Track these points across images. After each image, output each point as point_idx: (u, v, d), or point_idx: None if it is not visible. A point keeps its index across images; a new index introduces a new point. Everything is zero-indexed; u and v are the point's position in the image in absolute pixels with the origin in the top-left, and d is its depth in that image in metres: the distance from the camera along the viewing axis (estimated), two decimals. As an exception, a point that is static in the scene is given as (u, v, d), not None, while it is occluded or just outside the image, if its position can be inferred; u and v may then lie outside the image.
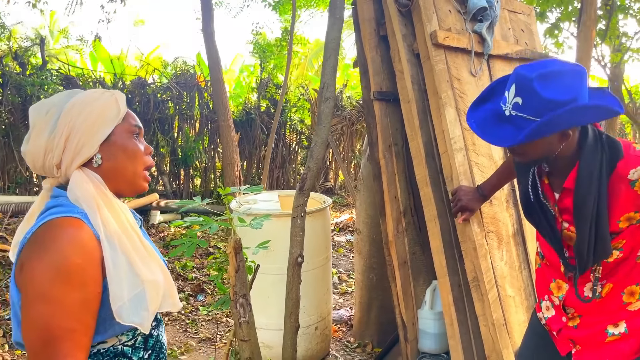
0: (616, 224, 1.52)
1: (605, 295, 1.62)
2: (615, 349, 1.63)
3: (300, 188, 2.57)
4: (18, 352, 3.69)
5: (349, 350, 3.93)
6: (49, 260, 1.03)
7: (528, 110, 1.43)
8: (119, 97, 1.23)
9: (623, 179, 1.47)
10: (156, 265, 1.20)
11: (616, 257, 1.58)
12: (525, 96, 1.43)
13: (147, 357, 1.24)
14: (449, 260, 2.56)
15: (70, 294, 1.03)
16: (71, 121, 1.14)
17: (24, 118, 6.57)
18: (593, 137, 1.50)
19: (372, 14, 2.83)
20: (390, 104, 2.85)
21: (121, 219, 1.16)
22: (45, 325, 1.01)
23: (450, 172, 2.45)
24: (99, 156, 1.17)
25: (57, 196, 1.16)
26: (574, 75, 1.43)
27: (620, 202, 1.49)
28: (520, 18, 3.09)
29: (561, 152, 1.52)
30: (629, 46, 8.62)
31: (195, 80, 8.11)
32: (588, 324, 1.67)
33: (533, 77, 1.41)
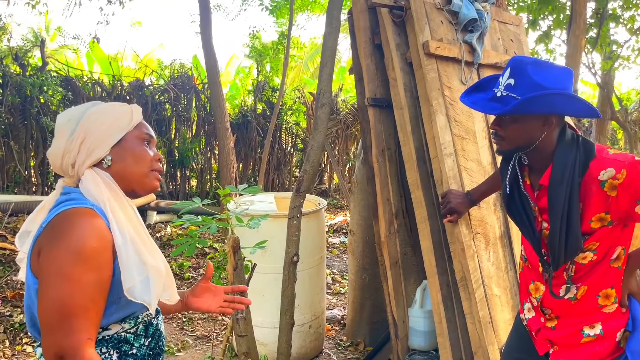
0: (588, 223, 1.58)
1: (581, 298, 1.68)
2: (590, 350, 1.69)
3: (297, 190, 2.67)
4: (18, 348, 3.77)
5: (341, 349, 4.03)
6: (67, 244, 1.13)
7: (518, 90, 1.56)
8: (135, 109, 1.36)
9: (594, 180, 1.54)
10: (159, 256, 1.32)
11: (590, 259, 1.63)
12: (517, 78, 1.57)
13: (147, 344, 1.34)
14: (439, 260, 2.67)
15: (87, 275, 1.13)
16: (87, 127, 1.27)
17: (23, 118, 6.65)
18: (570, 136, 1.61)
19: (367, 24, 2.94)
20: (383, 110, 2.96)
21: (129, 213, 1.28)
22: (63, 302, 1.11)
23: (440, 176, 2.56)
24: (109, 158, 1.29)
25: (68, 192, 1.27)
26: (564, 72, 1.58)
27: (592, 202, 1.56)
28: (510, 28, 3.21)
29: (540, 143, 1.61)
30: (619, 54, 8.79)
31: (193, 83, 8.20)
32: (565, 325, 1.73)
33: (528, 61, 1.57)
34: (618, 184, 1.51)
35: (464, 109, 2.71)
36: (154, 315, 1.38)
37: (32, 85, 6.21)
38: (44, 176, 7.05)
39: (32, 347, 3.83)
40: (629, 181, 1.50)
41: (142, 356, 1.32)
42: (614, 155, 1.56)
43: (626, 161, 1.52)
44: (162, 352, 1.41)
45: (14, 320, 3.96)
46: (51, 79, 6.67)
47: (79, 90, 7.06)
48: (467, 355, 2.62)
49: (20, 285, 4.38)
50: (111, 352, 1.26)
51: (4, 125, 6.60)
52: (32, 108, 6.53)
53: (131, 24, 17.79)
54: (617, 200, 1.52)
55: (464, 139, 2.65)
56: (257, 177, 9.15)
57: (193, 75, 8.39)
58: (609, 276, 1.65)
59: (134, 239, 1.25)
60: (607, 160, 1.54)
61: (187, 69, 8.55)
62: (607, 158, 1.55)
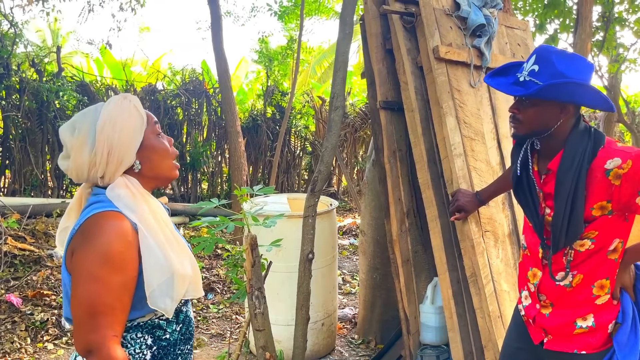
0: (590, 211, 1.65)
1: (576, 286, 1.74)
2: (582, 340, 1.76)
3: (312, 190, 2.77)
4: (40, 345, 3.89)
5: (353, 346, 4.12)
6: (95, 247, 1.22)
7: (541, 76, 1.64)
8: (136, 102, 1.38)
9: (600, 168, 1.62)
10: (186, 257, 1.39)
11: (588, 248, 1.69)
12: (542, 64, 1.65)
13: (179, 330, 1.43)
14: (449, 257, 2.76)
15: (113, 276, 1.22)
16: (109, 138, 1.30)
17: (40, 123, 6.80)
18: (583, 127, 1.70)
19: (378, 29, 3.05)
20: (395, 113, 3.07)
21: (156, 215, 1.35)
22: (91, 301, 1.21)
23: (450, 176, 2.66)
24: (138, 162, 1.36)
25: (96, 194, 1.35)
26: (586, 64, 1.67)
27: (596, 190, 1.63)
28: (517, 33, 3.31)
29: (555, 130, 1.69)
30: (625, 57, 8.84)
31: (204, 87, 8.34)
32: (559, 314, 1.80)
33: (553, 50, 1.66)
34: (623, 174, 1.58)
35: (473, 112, 2.80)
36: (184, 302, 1.47)
37: (49, 90, 6.36)
38: (59, 179, 7.20)
39: (53, 344, 3.95)
40: (633, 172, 1.57)
41: (174, 341, 1.40)
42: (621, 147, 1.64)
43: (632, 152, 1.60)
44: (192, 337, 1.50)
45: (34, 318, 4.08)
46: (67, 84, 6.82)
47: (94, 95, 7.20)
48: (477, 349, 2.71)
49: (40, 284, 4.50)
50: (146, 337, 1.35)
51: (21, 130, 6.76)
52: (48, 113, 6.68)
53: (140, 30, 18.00)
54: (620, 189, 1.59)
55: (473, 140, 2.74)
56: (267, 179, 9.27)
57: (204, 80, 8.52)
58: (605, 267, 1.71)
59: (160, 242, 1.31)
60: (614, 151, 1.62)
61: (198, 74, 8.68)
62: (615, 149, 1.63)
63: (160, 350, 1.36)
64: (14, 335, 3.89)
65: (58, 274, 4.77)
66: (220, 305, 4.86)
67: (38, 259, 4.88)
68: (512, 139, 1.91)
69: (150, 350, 1.34)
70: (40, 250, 5.03)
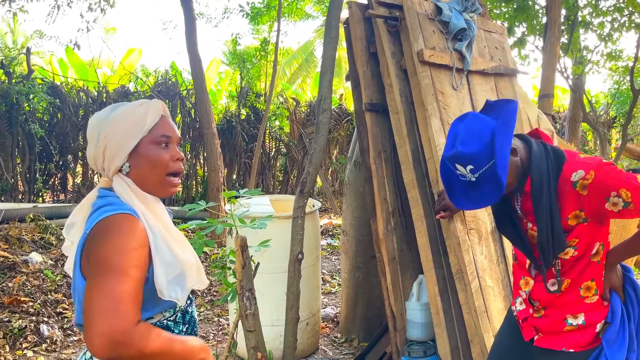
0: (566, 221, 1.75)
1: (565, 290, 1.84)
2: (571, 338, 1.85)
3: (301, 191, 2.81)
4: (19, 353, 3.81)
5: (336, 345, 4.17)
6: (113, 244, 1.25)
7: (482, 164, 1.67)
8: (151, 110, 1.40)
9: (567, 181, 1.73)
10: (188, 249, 1.44)
11: (572, 255, 1.79)
12: (468, 162, 1.68)
13: (185, 330, 1.48)
14: (435, 255, 2.84)
15: (132, 268, 1.25)
16: (106, 135, 1.36)
17: (9, 126, 6.64)
18: (537, 146, 1.79)
19: (363, 33, 3.11)
20: (380, 115, 3.13)
21: (158, 213, 1.39)
22: (113, 289, 1.21)
23: (436, 176, 2.74)
24: (127, 164, 1.38)
25: (103, 196, 1.38)
26: (474, 119, 1.72)
27: (567, 202, 1.74)
28: (495, 37, 3.42)
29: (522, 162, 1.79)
30: (589, 59, 9.16)
31: (177, 89, 8.27)
32: (551, 315, 1.90)
33: (456, 149, 1.68)
34: (588, 184, 1.69)
35: (456, 113, 2.89)
36: (189, 303, 1.51)
37: (19, 92, 6.22)
38: (30, 184, 7.04)
39: (32, 351, 3.88)
40: (597, 181, 1.68)
41: None
42: (583, 159, 1.75)
43: (594, 163, 1.71)
44: (196, 336, 1.53)
45: (12, 325, 4.00)
46: (38, 86, 6.68)
47: (65, 97, 7.07)
48: (463, 344, 2.79)
49: (16, 291, 4.41)
50: None
51: (-10, 133, 6.60)
52: (19, 116, 6.53)
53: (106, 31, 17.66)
54: (589, 198, 1.70)
55: (456, 141, 2.83)
56: (242, 181, 9.24)
57: (177, 81, 8.45)
58: (590, 270, 1.81)
59: (165, 237, 1.36)
60: (577, 163, 1.73)
61: (171, 75, 8.61)
62: (577, 161, 1.75)
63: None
64: (-8, 343, 3.81)
65: (34, 280, 4.67)
66: (201, 308, 4.85)
67: (13, 265, 4.78)
68: None
69: None
70: (14, 256, 4.92)
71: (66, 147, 7.58)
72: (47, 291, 4.59)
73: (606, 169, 1.69)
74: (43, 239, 5.48)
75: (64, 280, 4.88)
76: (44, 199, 7.66)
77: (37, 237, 5.47)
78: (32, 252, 5.15)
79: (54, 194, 7.97)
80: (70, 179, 8.17)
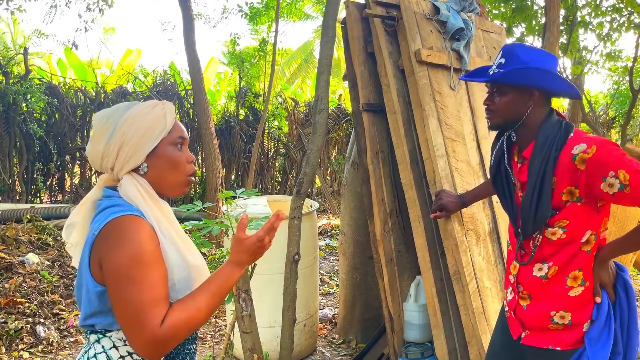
0: (560, 196, 1.71)
1: (551, 277, 1.80)
2: (557, 336, 1.82)
3: (297, 192, 2.80)
4: (15, 354, 3.80)
5: (334, 346, 4.15)
6: (127, 251, 1.23)
7: (508, 66, 1.77)
8: (169, 111, 1.41)
9: (568, 153, 1.70)
10: (195, 251, 1.43)
11: (560, 237, 1.75)
12: (507, 57, 1.79)
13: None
14: (432, 256, 2.83)
15: (151, 272, 1.24)
16: (124, 134, 1.33)
17: (7, 126, 6.62)
18: (555, 119, 1.80)
19: (360, 33, 3.09)
20: (377, 115, 3.11)
21: (167, 215, 1.38)
22: (132, 302, 1.22)
23: (433, 176, 2.72)
24: (145, 165, 1.37)
25: (109, 196, 1.36)
26: (548, 55, 1.81)
27: (565, 175, 1.70)
28: (493, 37, 3.41)
29: (527, 118, 1.79)
30: (588, 59, 9.15)
31: (176, 89, 8.25)
32: (535, 306, 1.86)
33: (517, 45, 1.82)
34: (587, 158, 1.65)
35: (454, 113, 2.88)
36: None
37: (17, 92, 6.20)
38: (28, 184, 7.02)
39: (29, 352, 3.86)
40: (597, 156, 1.64)
41: (183, 341, 1.41)
42: (589, 136, 1.73)
43: (598, 139, 1.68)
44: (197, 337, 1.53)
45: (8, 327, 3.98)
46: (35, 86, 6.66)
47: (63, 97, 7.05)
48: (460, 345, 2.77)
49: (12, 292, 4.39)
50: None
51: (-13, 133, 6.58)
52: (16, 116, 6.51)
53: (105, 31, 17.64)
54: (586, 174, 1.66)
55: (454, 141, 2.82)
56: (240, 182, 9.23)
57: (175, 82, 8.44)
58: (578, 259, 1.77)
59: (174, 240, 1.35)
60: (582, 138, 1.71)
61: (169, 76, 8.59)
62: (582, 136, 1.72)
63: (172, 349, 1.39)
64: (-12, 344, 3.80)
65: (31, 281, 4.65)
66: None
67: (9, 265, 4.76)
68: (491, 136, 2.00)
69: None
70: (11, 257, 4.90)
71: (64, 148, 7.57)
72: (43, 292, 4.57)
73: (609, 147, 1.65)
74: (40, 239, 5.46)
75: (61, 281, 4.86)
76: (42, 200, 7.64)
77: (34, 237, 5.45)
78: (29, 252, 5.13)
79: (52, 194, 7.96)
80: (68, 179, 8.16)
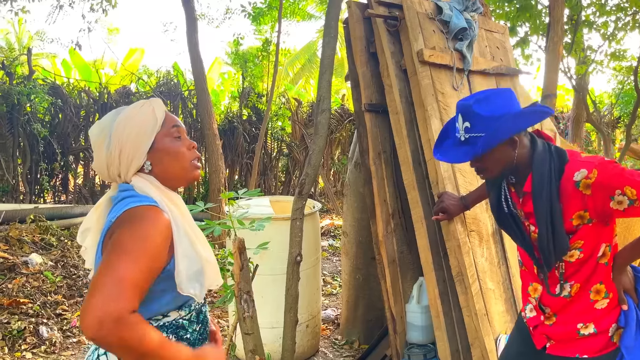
0: (570, 222, 1.72)
1: (575, 295, 1.81)
2: (584, 344, 1.80)
3: (299, 192, 2.78)
4: (17, 355, 3.80)
5: (337, 347, 4.14)
6: (136, 233, 1.24)
7: (476, 129, 1.75)
8: (156, 106, 1.43)
9: (569, 180, 1.70)
10: (207, 247, 1.46)
11: (578, 257, 1.76)
12: (470, 119, 1.76)
13: (198, 330, 1.48)
14: (435, 257, 2.81)
15: (145, 259, 1.24)
16: (120, 139, 1.36)
17: (10, 127, 6.64)
18: (542, 147, 1.78)
19: (362, 33, 3.08)
20: (379, 115, 3.10)
21: (181, 209, 1.41)
22: (122, 272, 1.19)
23: (435, 177, 2.71)
24: (149, 163, 1.40)
25: (125, 189, 1.38)
26: (504, 96, 1.78)
27: (571, 202, 1.71)
28: (496, 37, 3.39)
29: (518, 159, 1.78)
30: (593, 58, 9.11)
31: (179, 90, 8.26)
32: (562, 322, 1.86)
33: (471, 102, 1.77)
34: (591, 183, 1.66)
35: (457, 114, 2.86)
36: (203, 303, 1.52)
37: (20, 93, 6.21)
38: (31, 184, 7.04)
39: (31, 353, 3.86)
40: (600, 179, 1.65)
41: (194, 340, 1.45)
42: (585, 158, 1.73)
43: (596, 162, 1.68)
44: (208, 336, 1.55)
45: (11, 327, 3.98)
46: (39, 87, 6.67)
47: (66, 97, 7.06)
48: (463, 347, 2.76)
49: (15, 292, 4.39)
50: (170, 336, 1.39)
51: (-9, 134, 6.60)
52: (20, 116, 6.52)
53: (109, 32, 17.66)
54: (593, 197, 1.67)
55: (457, 142, 2.79)
56: (244, 182, 9.22)
57: (179, 82, 8.44)
58: (598, 272, 1.77)
59: (187, 232, 1.38)
60: (579, 163, 1.71)
61: (172, 76, 8.59)
62: (579, 160, 1.72)
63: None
64: (-9, 345, 3.80)
65: (34, 281, 4.66)
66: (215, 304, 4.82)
67: (13, 266, 4.77)
68: None
69: None
70: (14, 257, 4.91)
71: (67, 148, 7.58)
72: (46, 292, 4.57)
73: (609, 167, 1.66)
74: (43, 240, 5.47)
75: (64, 281, 4.87)
76: (45, 200, 7.66)
77: (38, 238, 5.46)
78: (32, 253, 5.14)
79: (55, 194, 7.97)
80: (71, 179, 8.17)
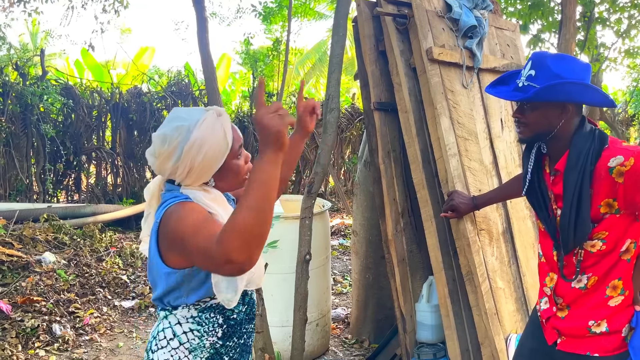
0: (597, 209, 1.67)
1: (591, 287, 1.76)
2: (596, 342, 1.77)
3: (308, 191, 2.79)
4: (31, 352, 3.85)
5: (347, 346, 4.14)
6: (183, 219, 1.35)
7: (539, 80, 1.69)
8: (227, 127, 1.49)
9: (604, 166, 1.65)
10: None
11: (599, 249, 1.70)
12: (538, 69, 1.71)
13: (244, 310, 1.58)
14: (444, 256, 2.80)
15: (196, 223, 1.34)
16: (192, 160, 1.43)
17: (24, 127, 6.72)
18: (588, 128, 1.74)
19: (371, 31, 3.07)
20: (389, 114, 3.09)
21: (228, 210, 1.49)
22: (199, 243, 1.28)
23: (445, 176, 2.70)
24: (213, 180, 1.52)
25: (170, 190, 1.50)
26: (581, 65, 1.72)
27: (601, 188, 1.65)
28: (506, 34, 3.36)
29: (559, 131, 1.73)
30: (606, 56, 9.00)
31: (190, 89, 8.30)
32: (573, 316, 1.82)
33: (548, 55, 1.72)
34: (625, 171, 1.61)
35: (466, 112, 2.84)
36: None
37: (33, 94, 6.28)
38: (44, 184, 7.11)
39: (44, 350, 3.91)
40: (635, 169, 1.60)
41: (240, 320, 1.56)
42: (625, 146, 1.67)
43: (635, 150, 1.63)
44: (254, 317, 1.64)
45: (25, 325, 4.03)
46: (51, 87, 6.74)
47: (79, 98, 7.12)
48: (473, 346, 2.74)
49: (29, 290, 4.45)
50: (217, 316, 1.51)
51: (5, 134, 6.67)
52: (32, 116, 6.60)
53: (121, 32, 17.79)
54: (624, 187, 1.62)
55: (466, 140, 2.78)
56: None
57: (189, 82, 8.48)
58: (618, 268, 1.73)
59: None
60: (617, 149, 1.66)
61: (183, 76, 8.64)
62: (618, 147, 1.67)
63: (229, 328, 1.53)
64: (5, 342, 3.84)
65: (47, 280, 4.71)
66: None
67: (26, 264, 4.82)
68: (504, 135, 1.95)
69: (221, 328, 1.52)
70: (28, 256, 4.97)
71: (80, 148, 7.65)
72: (60, 291, 4.62)
73: None
74: (57, 238, 5.53)
75: (77, 280, 4.91)
76: (58, 199, 7.74)
77: (51, 237, 5.51)
78: (45, 252, 5.20)
79: (68, 194, 8.05)
80: (84, 179, 8.25)
